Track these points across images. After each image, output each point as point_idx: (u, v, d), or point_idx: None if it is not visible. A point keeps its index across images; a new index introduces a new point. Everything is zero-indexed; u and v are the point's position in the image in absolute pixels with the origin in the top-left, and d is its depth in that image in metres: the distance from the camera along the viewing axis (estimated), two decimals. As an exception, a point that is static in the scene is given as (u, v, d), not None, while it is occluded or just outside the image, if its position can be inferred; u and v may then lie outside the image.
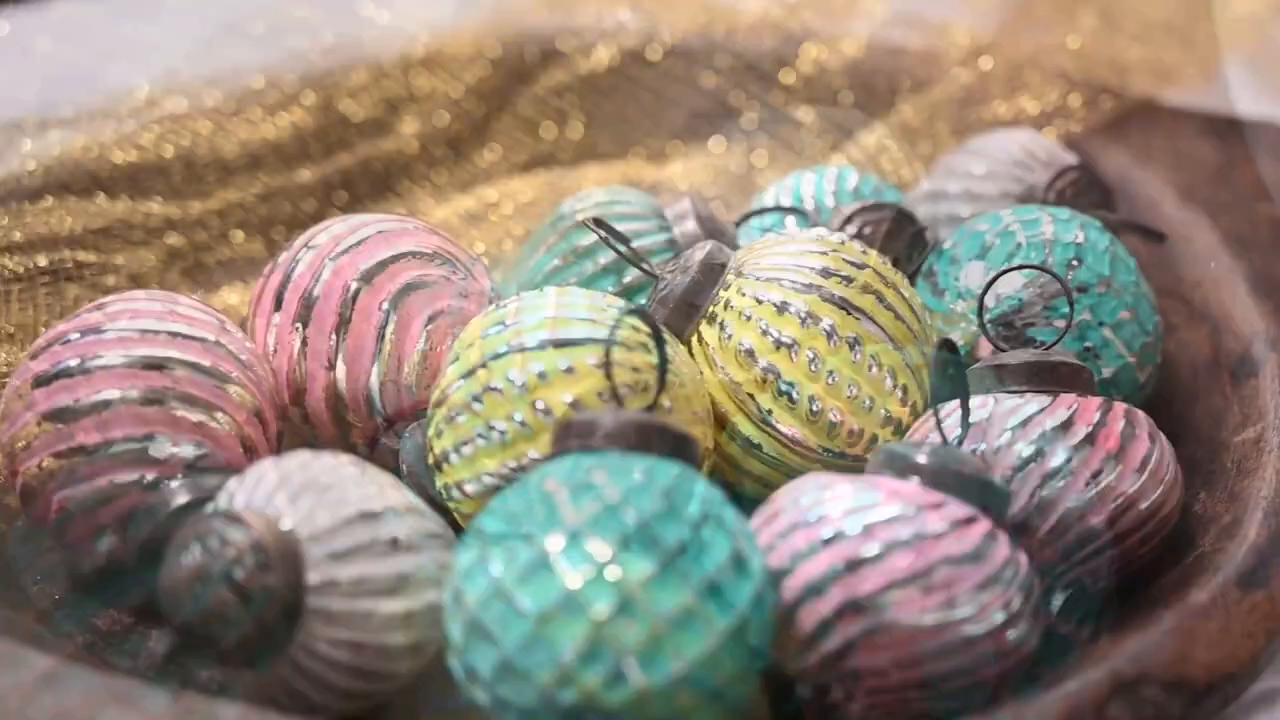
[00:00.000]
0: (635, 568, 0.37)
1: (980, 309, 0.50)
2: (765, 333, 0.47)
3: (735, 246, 0.53)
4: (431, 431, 0.45)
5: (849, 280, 0.48)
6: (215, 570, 0.39)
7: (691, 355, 0.49)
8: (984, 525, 0.41)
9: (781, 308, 0.47)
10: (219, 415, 0.45)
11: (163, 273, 0.61)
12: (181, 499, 0.44)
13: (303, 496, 0.40)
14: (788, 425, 0.47)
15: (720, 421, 0.48)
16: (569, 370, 0.44)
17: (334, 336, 0.48)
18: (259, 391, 0.47)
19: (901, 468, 0.42)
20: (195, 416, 0.45)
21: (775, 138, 0.70)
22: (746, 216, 0.56)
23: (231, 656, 0.39)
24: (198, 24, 0.70)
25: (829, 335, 0.47)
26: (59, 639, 0.44)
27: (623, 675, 0.37)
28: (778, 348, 0.47)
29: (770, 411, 0.47)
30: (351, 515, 0.40)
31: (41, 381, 0.45)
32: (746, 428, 0.48)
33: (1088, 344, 0.50)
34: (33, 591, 0.48)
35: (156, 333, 0.45)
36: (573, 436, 0.41)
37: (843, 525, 0.41)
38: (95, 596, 0.47)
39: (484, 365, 0.44)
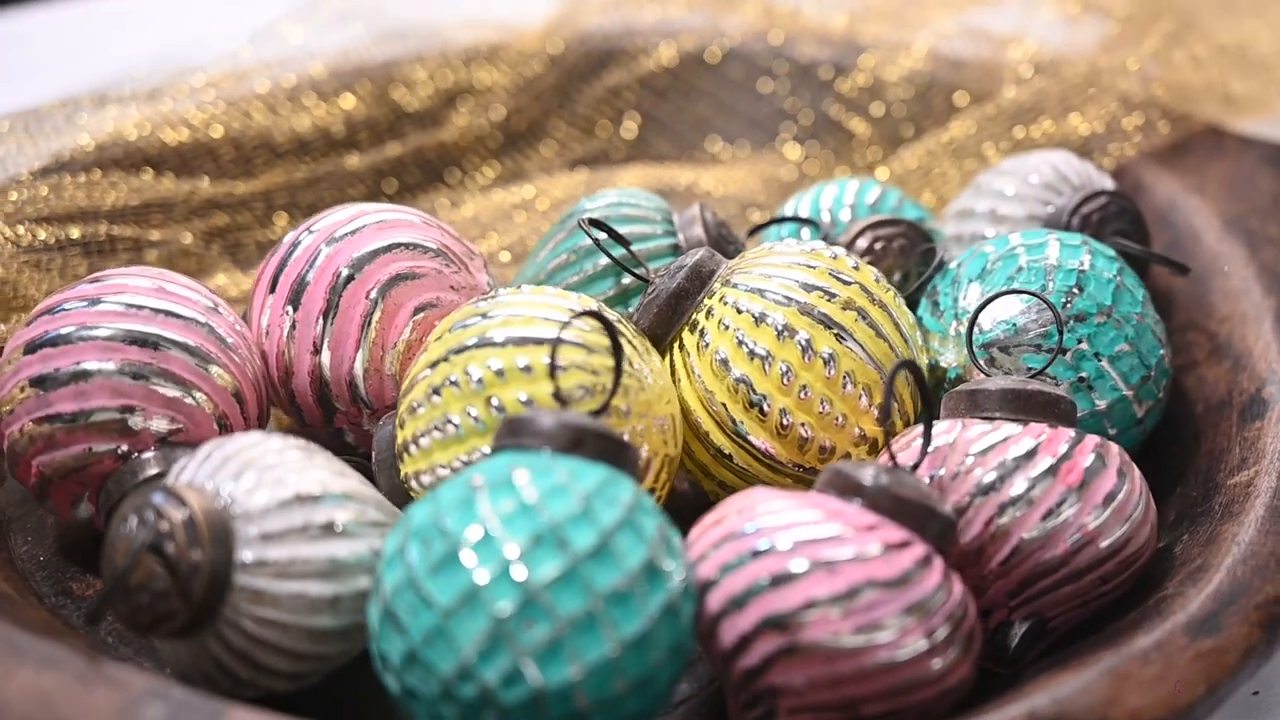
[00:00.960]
0: (541, 568, 0.37)
1: (970, 331, 0.49)
2: (741, 343, 0.47)
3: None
4: (398, 421, 0.46)
5: (831, 295, 0.47)
6: (147, 542, 0.40)
7: (671, 361, 0.49)
8: (918, 551, 0.40)
9: (759, 319, 0.47)
10: (197, 394, 0.47)
11: (202, 250, 0.62)
12: (151, 471, 0.45)
13: (244, 475, 0.41)
14: (758, 437, 0.47)
15: (694, 430, 0.48)
16: (526, 369, 0.44)
17: (321, 322, 0.49)
18: (240, 373, 0.48)
19: (844, 488, 0.42)
20: (171, 393, 0.46)
21: (828, 147, 0.69)
22: (759, 227, 0.56)
23: (159, 627, 0.40)
24: (270, 6, 0.72)
25: (804, 349, 0.47)
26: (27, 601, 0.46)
27: (520, 674, 0.37)
28: (751, 359, 0.47)
29: (741, 423, 0.47)
30: (288, 497, 0.41)
31: (30, 348, 0.46)
32: (719, 438, 0.48)
33: (1082, 374, 0.49)
34: (19, 551, 0.50)
35: (142, 308, 0.47)
36: (510, 434, 0.41)
37: (774, 540, 0.40)
38: (72, 560, 0.49)
39: (446, 359, 0.45)
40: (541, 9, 0.76)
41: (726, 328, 0.47)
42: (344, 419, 0.50)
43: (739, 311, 0.47)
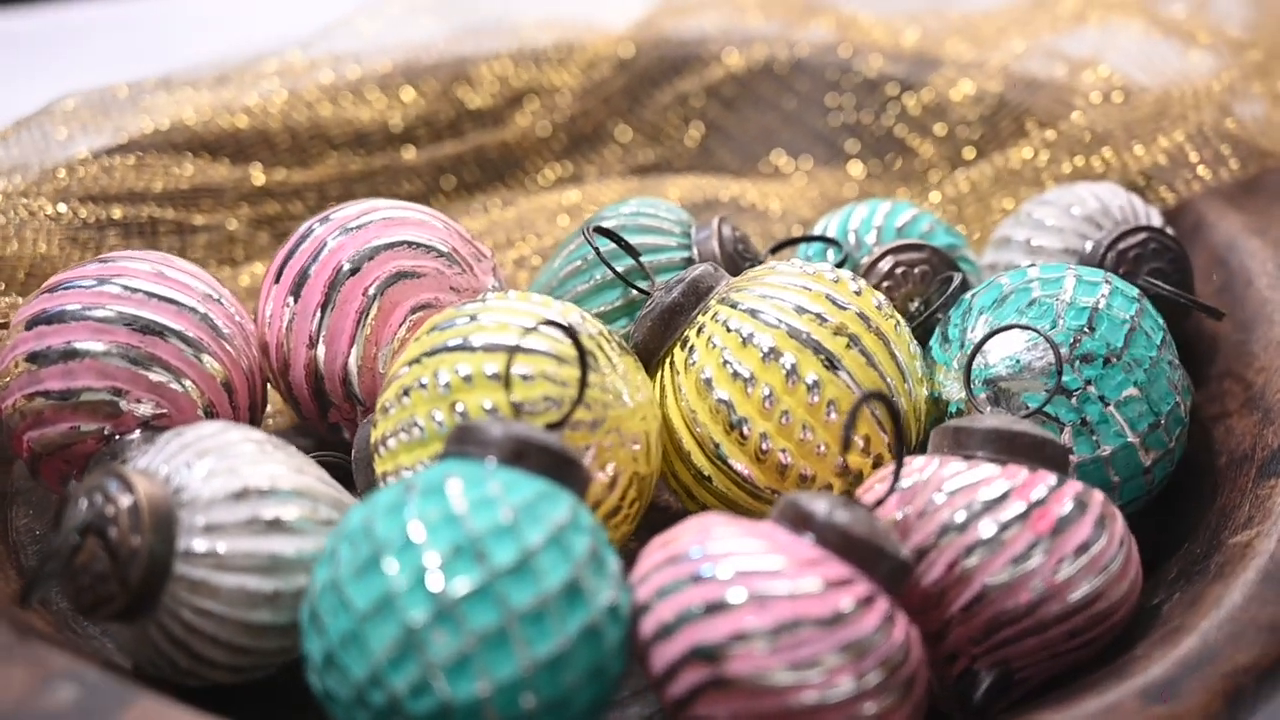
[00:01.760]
0: (456, 581, 0.37)
1: (969, 365, 0.47)
2: (726, 363, 0.46)
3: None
4: (373, 420, 0.46)
5: (823, 320, 0.46)
6: (92, 524, 0.40)
7: (661, 378, 0.48)
8: (860, 590, 0.39)
9: (747, 339, 0.46)
10: (185, 381, 0.47)
11: (249, 236, 0.63)
12: (131, 454, 0.46)
13: (198, 465, 0.41)
14: (738, 461, 0.46)
15: (677, 449, 0.47)
16: (495, 376, 0.43)
17: (318, 314, 0.49)
18: (231, 364, 0.48)
19: (795, 520, 0.41)
20: (158, 377, 0.47)
21: (892, 166, 0.68)
22: (780, 245, 0.55)
23: (98, 609, 0.40)
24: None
25: (788, 374, 0.45)
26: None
27: (428, 685, 0.37)
28: (734, 379, 0.46)
29: (721, 445, 0.46)
30: (237, 490, 0.41)
31: (30, 324, 0.47)
32: (699, 459, 0.47)
33: (1085, 417, 0.47)
34: (18, 523, 0.51)
35: (137, 292, 0.47)
36: (458, 441, 0.41)
37: (716, 567, 0.39)
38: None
39: (419, 360, 0.45)
40: (627, 13, 0.75)
41: (714, 346, 0.47)
42: (338, 414, 0.50)
43: (728, 330, 0.46)
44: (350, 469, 0.48)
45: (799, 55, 0.69)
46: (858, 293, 0.48)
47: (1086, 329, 0.48)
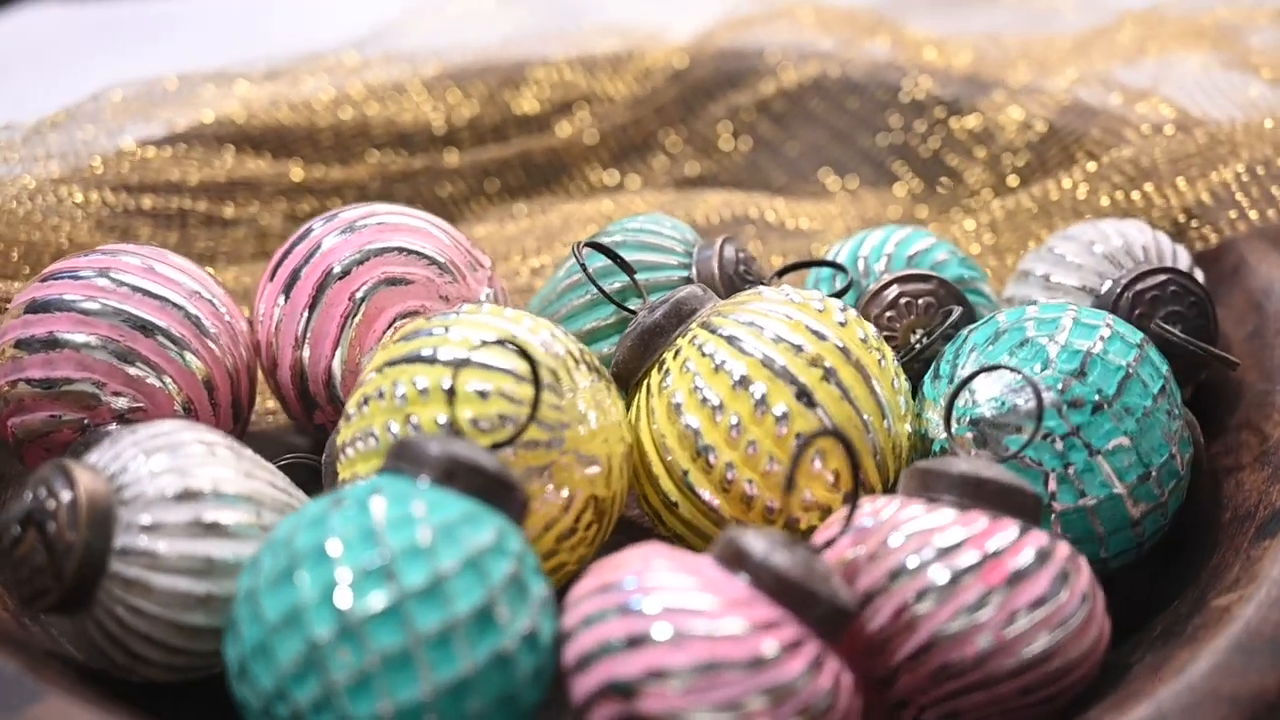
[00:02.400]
0: (365, 599, 0.37)
1: (949, 405, 0.46)
2: (696, 389, 0.45)
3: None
4: (340, 425, 0.46)
5: (799, 350, 0.45)
6: (32, 516, 0.41)
7: (638, 400, 0.47)
8: (788, 634, 0.38)
9: (719, 366, 0.45)
10: (164, 377, 0.47)
11: (283, 231, 0.64)
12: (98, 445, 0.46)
13: (145, 463, 0.42)
14: (703, 489, 0.45)
15: (647, 473, 0.47)
16: (450, 391, 0.43)
17: (305, 315, 0.49)
18: (214, 362, 0.48)
19: (731, 558, 0.40)
20: (135, 371, 0.47)
21: (938, 189, 0.66)
22: (785, 269, 0.53)
23: (35, 602, 0.41)
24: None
25: (757, 404, 0.44)
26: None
27: (329, 703, 0.36)
28: (703, 405, 0.45)
29: (688, 472, 0.45)
30: (178, 491, 0.41)
31: (26, 310, 0.48)
32: (667, 484, 0.46)
33: (1069, 464, 0.45)
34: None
35: (123, 285, 0.48)
36: (395, 456, 0.40)
37: (644, 600, 0.38)
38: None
39: (382, 369, 0.44)
40: (694, 22, 0.75)
41: (687, 370, 0.46)
42: (323, 416, 0.50)
43: (702, 355, 0.46)
44: (327, 473, 0.48)
45: (850, 74, 0.68)
46: (842, 324, 0.46)
47: (1078, 374, 0.46)
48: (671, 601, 0.38)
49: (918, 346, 0.50)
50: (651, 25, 0.74)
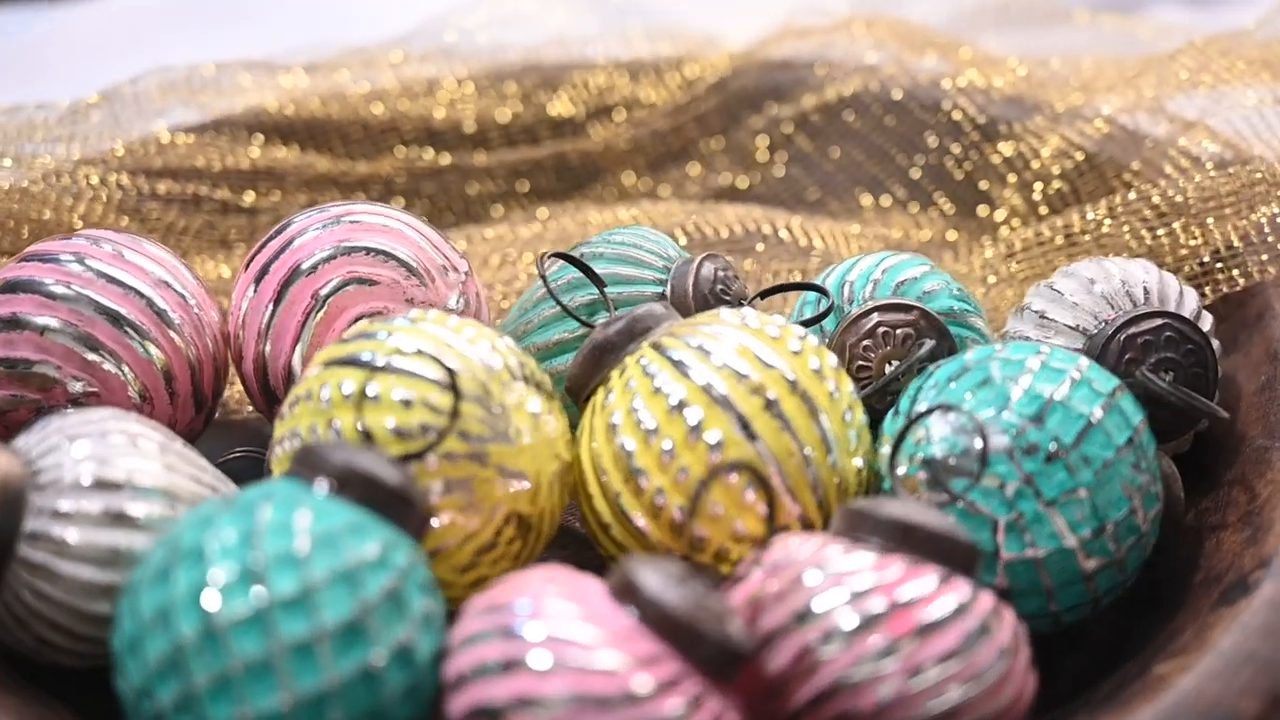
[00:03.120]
0: (233, 604, 0.36)
1: (896, 443, 0.44)
2: (634, 409, 0.44)
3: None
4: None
5: (742, 377, 0.44)
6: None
7: (584, 417, 0.46)
8: (668, 672, 0.37)
9: (658, 389, 0.44)
10: (121, 363, 0.48)
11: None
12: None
13: (66, 450, 0.42)
14: (634, 513, 0.44)
15: (584, 493, 0.46)
16: (375, 398, 0.43)
17: (269, 310, 0.49)
18: (174, 351, 0.49)
19: (621, 589, 0.39)
20: (93, 357, 0.47)
21: (971, 215, 0.64)
22: (767, 291, 0.52)
23: (-55, 579, 0.41)
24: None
25: (691, 429, 0.43)
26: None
27: (189, 705, 0.36)
28: (638, 427, 0.44)
29: (620, 494, 0.44)
30: (93, 480, 0.41)
31: (1, 289, 0.49)
32: (600, 504, 0.45)
33: (1017, 513, 0.43)
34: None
35: (88, 270, 0.48)
36: (297, 461, 0.40)
37: (527, 627, 0.38)
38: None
39: (315, 371, 0.44)
40: (751, 29, 0.73)
41: (629, 390, 0.45)
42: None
43: (645, 375, 0.44)
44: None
45: (891, 90, 0.66)
46: (796, 352, 0.45)
47: (1035, 420, 0.44)
48: (554, 629, 0.37)
49: (884, 379, 0.48)
50: (708, 31, 0.73)
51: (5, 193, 0.57)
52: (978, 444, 0.43)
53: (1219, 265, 0.55)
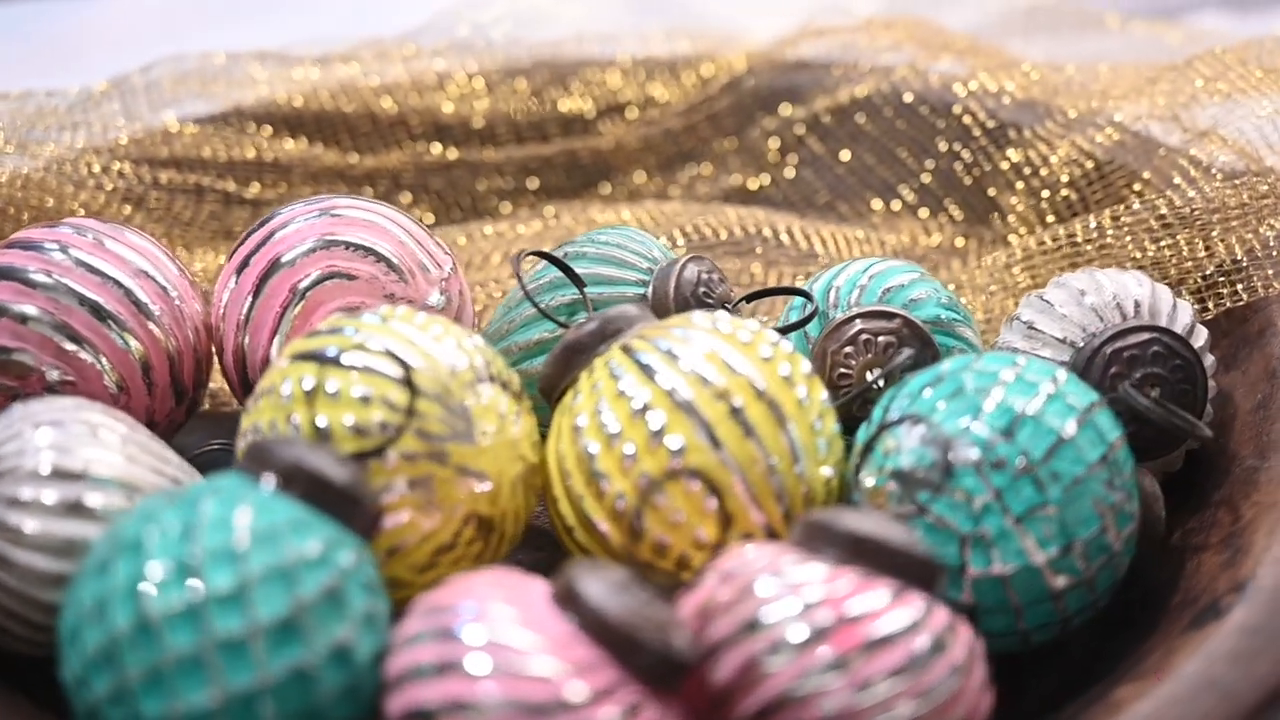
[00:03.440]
0: (168, 598, 0.36)
1: (861, 453, 0.43)
2: (599, 412, 0.44)
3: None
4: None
5: (707, 383, 0.43)
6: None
7: (553, 415, 0.46)
8: (604, 680, 0.37)
9: (623, 392, 0.44)
10: (97, 353, 0.48)
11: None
12: (30, 415, 0.47)
13: (28, 437, 0.42)
14: (596, 516, 0.44)
15: (550, 494, 0.45)
16: (334, 395, 0.42)
17: (248, 302, 0.49)
18: (152, 342, 0.49)
19: (563, 595, 0.38)
20: (69, 346, 0.48)
21: (979, 221, 0.63)
22: (756, 295, 0.51)
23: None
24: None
25: (653, 434, 0.43)
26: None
27: (122, 698, 0.36)
28: (601, 431, 0.43)
29: (583, 497, 0.44)
30: (51, 469, 0.41)
31: (-14, 277, 0.49)
32: (565, 506, 0.45)
33: (983, 529, 0.42)
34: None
35: (68, 258, 0.48)
36: (247, 456, 0.40)
37: (467, 629, 0.37)
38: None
39: (281, 365, 0.44)
40: (774, 28, 0.73)
41: (595, 392, 0.44)
42: (262, 405, 0.50)
43: (611, 378, 0.44)
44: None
45: (903, 94, 0.65)
46: (767, 358, 0.44)
47: (1005, 433, 0.43)
48: (493, 633, 0.37)
49: (859, 388, 0.48)
50: (731, 29, 0.72)
51: (8, 180, 0.58)
52: (944, 456, 0.43)
53: (1223, 279, 0.54)
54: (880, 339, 0.49)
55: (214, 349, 0.51)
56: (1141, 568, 0.46)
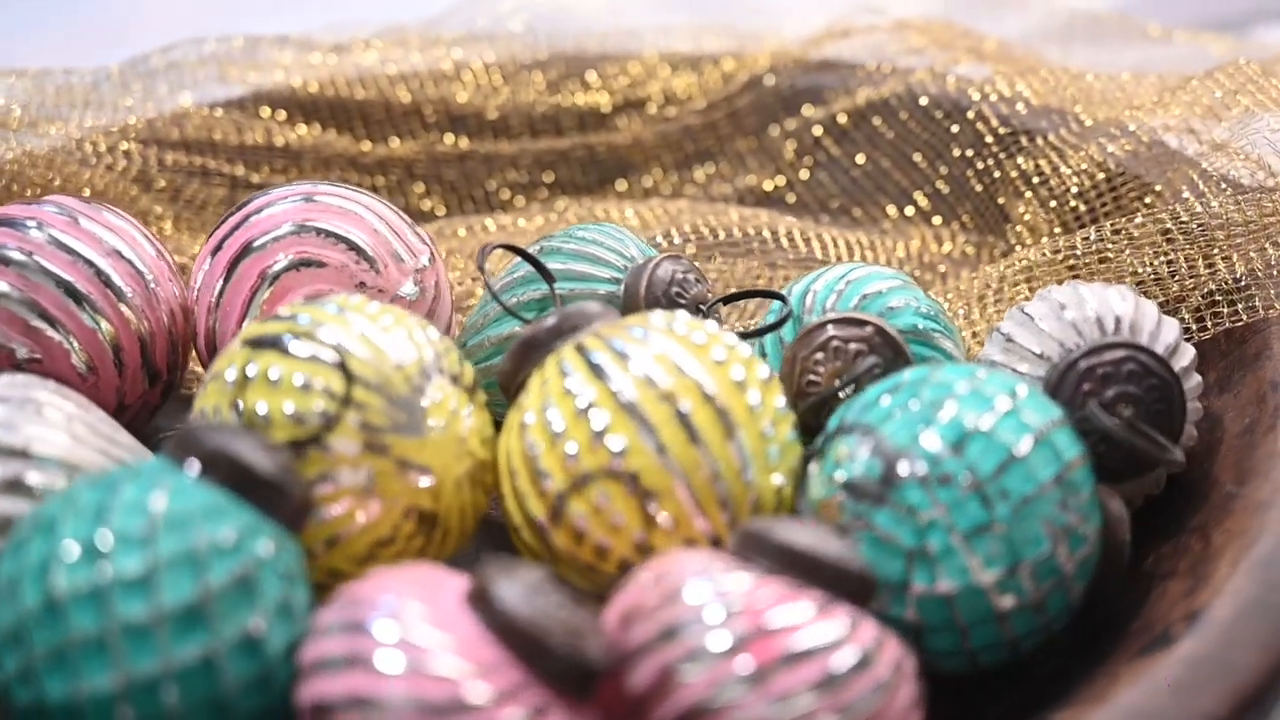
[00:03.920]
0: (74, 578, 0.36)
1: (809, 464, 0.43)
2: (545, 409, 0.43)
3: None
4: (199, 398, 0.46)
5: (653, 384, 0.43)
6: None
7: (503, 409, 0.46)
8: (507, 682, 0.36)
9: (569, 390, 0.43)
10: (67, 334, 0.48)
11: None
12: None
13: (-20, 413, 0.42)
14: (539, 515, 0.43)
15: (500, 492, 0.45)
16: (276, 381, 0.42)
17: (219, 285, 0.49)
18: (122, 323, 0.49)
19: (475, 596, 0.38)
20: (36, 323, 0.48)
21: (989, 230, 0.61)
22: (731, 298, 0.51)
23: None
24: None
25: (596, 434, 0.42)
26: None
27: (29, 678, 0.36)
28: (546, 428, 0.43)
29: (527, 496, 0.44)
30: (-8, 445, 0.42)
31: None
32: (511, 503, 0.44)
33: (927, 545, 0.41)
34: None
35: (41, 235, 0.49)
36: (175, 441, 0.40)
37: (379, 624, 0.37)
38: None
39: (231, 349, 0.44)
40: (806, 28, 0.72)
41: (544, 389, 0.44)
42: (233, 389, 0.50)
43: (561, 375, 0.44)
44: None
45: (919, 98, 0.64)
46: (720, 361, 0.43)
47: (954, 448, 0.42)
48: (403, 630, 0.37)
49: (818, 395, 0.47)
50: (761, 27, 0.71)
51: (15, 157, 0.58)
52: (889, 469, 0.42)
53: (1223, 298, 0.52)
54: (851, 346, 0.48)
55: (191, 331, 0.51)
56: (1105, 593, 0.44)
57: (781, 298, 0.49)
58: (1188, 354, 0.48)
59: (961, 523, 0.41)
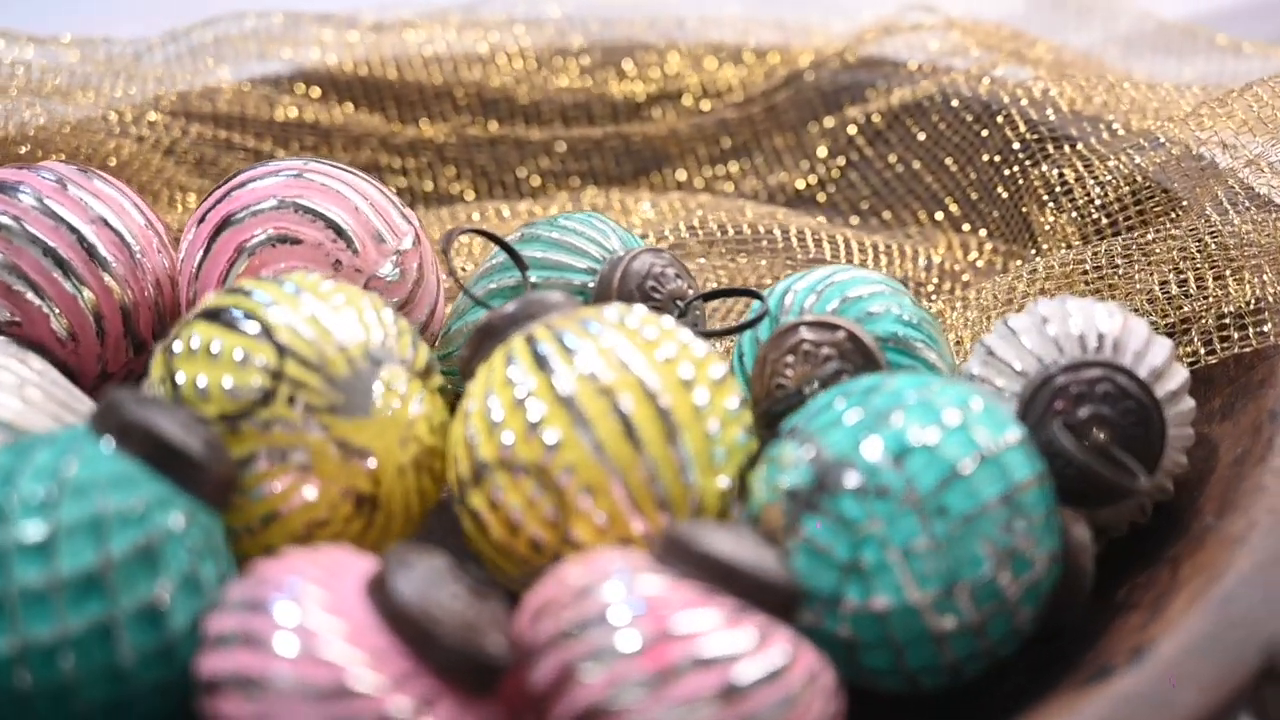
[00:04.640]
0: (-19, 541, 0.37)
1: (749, 470, 0.42)
2: (489, 396, 0.43)
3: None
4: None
5: (594, 379, 0.42)
6: None
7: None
8: (396, 670, 0.36)
9: (510, 379, 0.42)
10: (45, 296, 0.49)
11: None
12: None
13: (-70, 374, 0.43)
14: (476, 505, 0.43)
15: (448, 478, 0.45)
16: (217, 355, 0.42)
17: (199, 256, 0.50)
18: (104, 292, 0.49)
19: (373, 588, 0.37)
20: (17, 287, 0.48)
21: (1018, 240, 0.60)
22: (712, 295, 0.50)
23: None
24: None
25: (531, 426, 0.42)
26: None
27: (-70, 636, 0.37)
28: (485, 417, 0.42)
29: (468, 484, 0.43)
30: (-61, 406, 0.42)
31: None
32: (455, 490, 0.44)
33: (861, 559, 0.40)
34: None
35: (27, 199, 0.49)
36: (100, 411, 0.40)
37: (279, 605, 0.37)
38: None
39: (182, 320, 0.44)
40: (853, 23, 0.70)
41: (489, 377, 0.43)
42: (212, 361, 0.50)
43: (507, 364, 0.43)
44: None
45: (952, 101, 0.62)
46: (668, 359, 0.43)
47: (894, 461, 0.40)
48: (301, 613, 0.37)
49: (773, 400, 0.46)
50: (810, 21, 0.70)
51: (42, 126, 0.59)
52: (826, 478, 0.40)
53: (1233, 322, 0.50)
54: (821, 350, 0.47)
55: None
56: (1067, 620, 0.43)
57: (759, 296, 0.48)
58: (1178, 377, 0.46)
59: (897, 538, 0.40)
